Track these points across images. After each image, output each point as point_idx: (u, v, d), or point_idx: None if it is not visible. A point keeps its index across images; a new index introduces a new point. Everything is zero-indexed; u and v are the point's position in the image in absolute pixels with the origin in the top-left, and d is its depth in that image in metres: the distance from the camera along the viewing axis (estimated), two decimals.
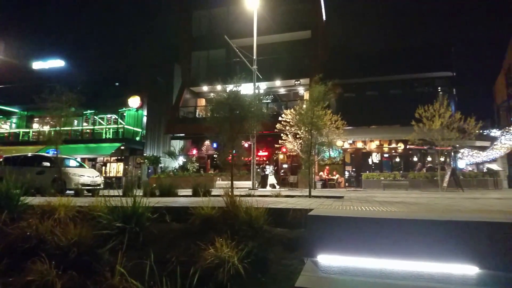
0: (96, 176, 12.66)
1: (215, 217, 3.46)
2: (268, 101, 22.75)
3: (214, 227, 3.29)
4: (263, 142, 19.42)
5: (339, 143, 19.93)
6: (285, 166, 21.87)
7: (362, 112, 20.83)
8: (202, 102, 24.19)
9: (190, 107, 24.13)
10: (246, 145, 14.16)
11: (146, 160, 23.77)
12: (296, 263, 2.67)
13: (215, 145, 19.23)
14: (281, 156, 21.46)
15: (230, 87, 6.57)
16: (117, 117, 27.16)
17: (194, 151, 22.53)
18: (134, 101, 26.75)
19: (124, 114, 27.30)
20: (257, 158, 19.28)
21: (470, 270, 2.30)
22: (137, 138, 27.40)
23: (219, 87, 7.32)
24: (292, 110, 15.37)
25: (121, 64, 27.10)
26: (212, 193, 6.44)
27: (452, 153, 20.31)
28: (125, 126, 26.67)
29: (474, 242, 2.35)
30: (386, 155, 22.49)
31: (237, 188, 11.38)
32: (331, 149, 20.28)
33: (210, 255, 2.62)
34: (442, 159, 17.21)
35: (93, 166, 24.68)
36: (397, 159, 22.30)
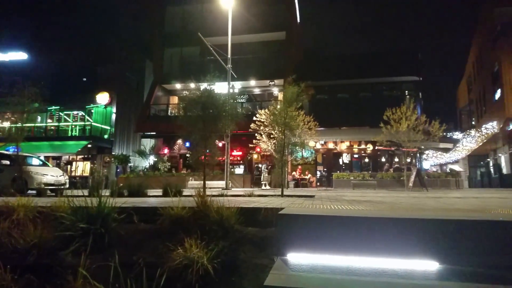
0: (60, 176, 12.08)
1: (185, 217, 3.39)
2: (243, 100, 22.76)
3: (184, 227, 3.22)
4: (237, 142, 19.39)
5: (311, 143, 20.31)
6: (259, 165, 21.99)
7: (334, 114, 21.38)
8: (174, 100, 23.74)
9: (162, 105, 23.61)
10: (220, 144, 14.09)
11: (114, 159, 22.97)
12: (266, 262, 2.68)
13: (187, 144, 18.98)
14: (255, 156, 21.54)
15: (204, 86, 6.49)
16: (84, 114, 26.03)
17: (166, 150, 22.07)
18: (103, 98, 25.77)
19: (92, 111, 26.22)
20: (231, 158, 19.24)
21: (431, 265, 2.41)
22: (106, 136, 26.43)
23: (192, 85, 7.22)
24: (266, 110, 15.47)
25: (89, 59, 26.00)
26: (184, 193, 6.33)
27: (418, 154, 21.34)
28: (93, 124, 25.65)
29: (435, 238, 2.47)
30: (356, 156, 23.23)
31: (210, 188, 11.30)
32: (303, 149, 20.70)
33: (178, 255, 2.57)
34: (408, 160, 18.03)
35: (58, 165, 23.51)
36: (366, 160, 23.10)
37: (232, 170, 18.96)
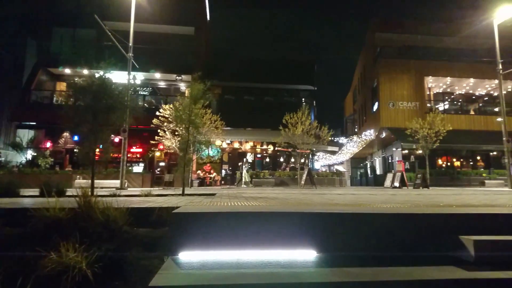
0: None
1: (64, 219, 3.00)
2: (145, 93, 21.45)
3: (61, 231, 2.85)
4: (137, 138, 18.13)
5: (218, 142, 20.49)
6: (161, 164, 21.02)
7: (240, 115, 22.12)
8: (62, 86, 20.72)
9: (46, 91, 20.37)
10: (116, 139, 12.94)
11: None
12: (156, 262, 2.58)
13: (76, 137, 16.78)
14: (157, 154, 20.51)
15: (100, 73, 5.83)
16: None
17: (48, 144, 19.06)
18: None
19: None
20: (129, 155, 17.87)
21: (310, 254, 2.70)
22: None
23: (85, 72, 6.44)
24: (171, 105, 14.90)
25: None
26: (68, 193, 5.59)
27: (310, 156, 23.72)
28: None
29: (313, 229, 2.77)
30: (258, 155, 24.45)
31: (102, 187, 10.27)
32: (210, 148, 20.70)
33: (51, 262, 2.26)
34: (302, 160, 19.87)
35: None
36: (268, 159, 24.55)
37: (130, 168, 17.64)
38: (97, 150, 6.11)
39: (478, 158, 22.50)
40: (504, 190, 12.82)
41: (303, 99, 24.50)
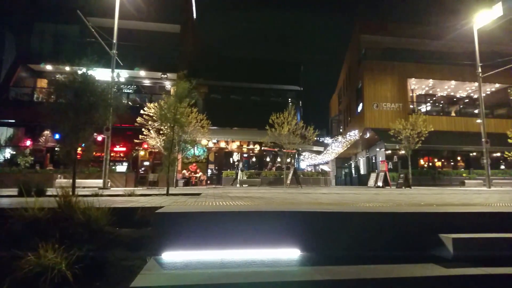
0: None
1: (44, 220, 2.93)
2: (130, 91, 21.08)
3: (40, 231, 2.77)
4: (121, 136, 17.82)
5: (204, 141, 20.36)
6: (146, 163, 20.72)
7: (226, 114, 22.06)
8: (43, 83, 20.13)
9: (26, 87, 19.75)
10: (99, 138, 12.69)
11: None
12: (138, 263, 2.54)
13: (57, 136, 16.29)
14: (141, 153, 20.21)
15: (83, 70, 5.68)
16: None
17: (28, 142, 18.49)
18: None
19: None
20: (112, 154, 17.55)
21: (294, 253, 2.72)
22: None
23: (68, 68, 6.26)
24: (156, 104, 14.71)
25: None
26: (49, 193, 5.44)
27: (296, 155, 23.89)
28: None
29: (297, 229, 2.79)
30: (245, 155, 24.44)
31: (84, 187, 10.08)
32: (196, 147, 20.55)
33: (29, 263, 2.20)
34: (288, 160, 19.99)
35: None
36: (254, 159, 24.58)
37: (113, 167, 17.31)
38: (79, 149, 5.97)
39: (459, 158, 23.16)
40: (482, 189, 13.26)
41: (289, 99, 24.66)
